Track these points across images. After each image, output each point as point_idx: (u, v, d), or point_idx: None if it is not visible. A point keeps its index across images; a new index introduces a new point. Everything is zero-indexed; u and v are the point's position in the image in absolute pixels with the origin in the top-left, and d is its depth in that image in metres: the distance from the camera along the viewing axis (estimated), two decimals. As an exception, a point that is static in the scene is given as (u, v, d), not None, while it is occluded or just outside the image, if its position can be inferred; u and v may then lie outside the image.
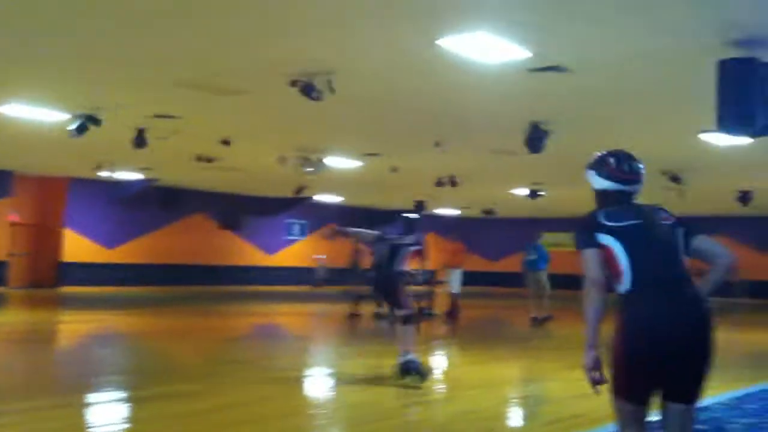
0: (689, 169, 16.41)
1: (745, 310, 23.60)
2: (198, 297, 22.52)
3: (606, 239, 3.39)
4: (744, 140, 10.03)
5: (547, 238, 34.36)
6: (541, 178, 20.25)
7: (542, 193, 22.33)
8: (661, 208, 3.56)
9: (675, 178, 17.30)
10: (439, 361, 10.82)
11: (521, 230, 34.84)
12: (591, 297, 3.34)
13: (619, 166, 3.56)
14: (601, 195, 3.60)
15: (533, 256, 16.58)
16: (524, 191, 22.52)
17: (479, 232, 34.70)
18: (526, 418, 6.95)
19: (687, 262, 3.44)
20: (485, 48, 8.10)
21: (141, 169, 20.93)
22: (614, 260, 3.36)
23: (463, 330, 15.45)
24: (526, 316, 16.02)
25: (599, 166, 3.60)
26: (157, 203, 25.29)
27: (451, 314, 16.74)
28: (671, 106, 10.67)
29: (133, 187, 23.50)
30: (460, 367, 10.46)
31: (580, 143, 14.06)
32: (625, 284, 3.35)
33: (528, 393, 8.04)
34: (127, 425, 5.94)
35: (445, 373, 9.90)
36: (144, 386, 7.60)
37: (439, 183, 19.52)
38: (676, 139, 13.32)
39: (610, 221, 3.42)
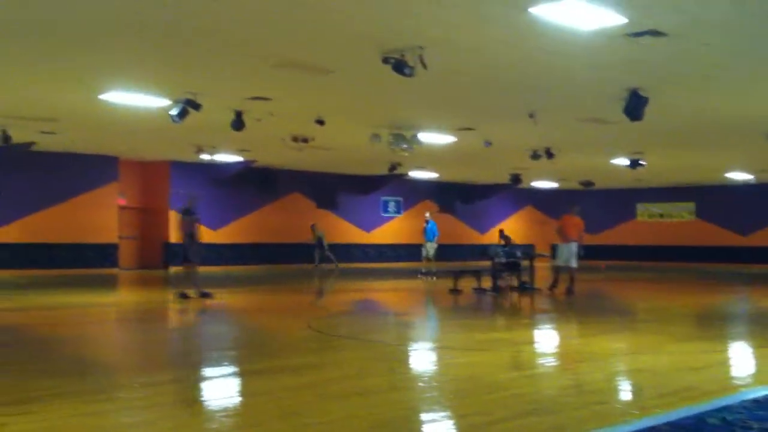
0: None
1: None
2: (300, 275, 22.93)
3: None
4: None
5: (647, 209, 33.76)
6: (639, 147, 19.72)
7: (643, 162, 21.68)
8: None
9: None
10: (545, 335, 10.74)
11: (618, 201, 34.23)
12: None
13: None
14: None
15: (434, 231, 22.45)
16: (624, 161, 21.97)
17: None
18: (636, 391, 6.82)
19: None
20: (579, 14, 7.94)
21: (240, 151, 21.42)
22: None
23: (562, 304, 15.24)
24: (627, 290, 15.64)
25: None
26: (256, 184, 25.89)
27: (568, 289, 16.14)
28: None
29: (232, 169, 24.10)
30: (566, 340, 10.33)
31: (679, 108, 13.65)
32: None
33: (636, 366, 7.88)
34: (238, 398, 6.13)
35: (552, 346, 9.81)
36: (254, 361, 7.80)
37: (535, 155, 19.24)
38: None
39: None
